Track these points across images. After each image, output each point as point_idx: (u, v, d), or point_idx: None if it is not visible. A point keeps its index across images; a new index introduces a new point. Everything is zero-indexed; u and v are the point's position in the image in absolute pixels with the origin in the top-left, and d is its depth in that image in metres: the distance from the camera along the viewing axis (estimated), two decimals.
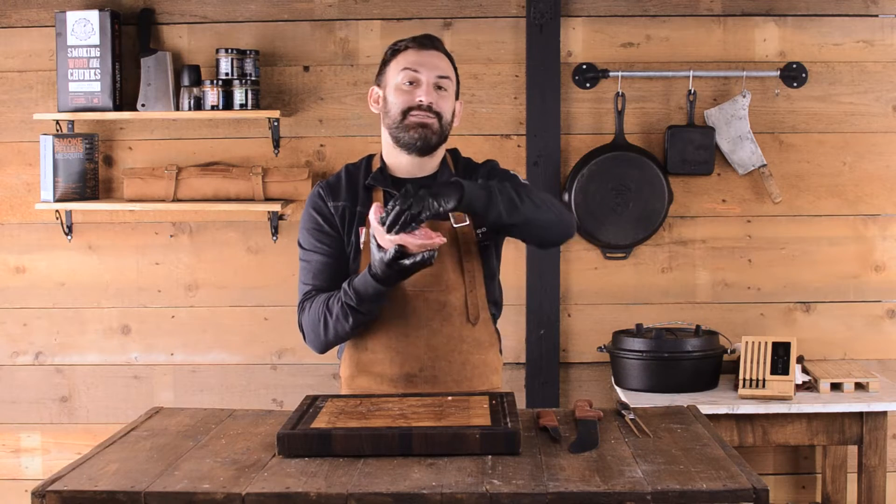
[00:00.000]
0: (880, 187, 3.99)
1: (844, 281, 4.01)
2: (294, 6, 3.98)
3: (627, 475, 1.93)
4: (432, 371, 2.54)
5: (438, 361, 2.54)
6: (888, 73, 3.97)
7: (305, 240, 2.59)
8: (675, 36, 3.97)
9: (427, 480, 1.91)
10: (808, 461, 4.06)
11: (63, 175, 3.85)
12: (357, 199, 2.57)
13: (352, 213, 2.56)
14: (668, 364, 3.60)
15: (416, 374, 2.54)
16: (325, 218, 2.57)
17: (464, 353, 2.56)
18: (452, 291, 2.54)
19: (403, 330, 2.53)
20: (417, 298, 2.52)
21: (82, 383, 4.07)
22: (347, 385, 2.62)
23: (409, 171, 2.58)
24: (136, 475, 1.98)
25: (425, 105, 2.50)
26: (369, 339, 2.55)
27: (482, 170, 2.65)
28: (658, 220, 3.92)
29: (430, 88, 2.52)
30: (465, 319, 2.55)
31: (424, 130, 2.51)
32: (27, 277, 4.05)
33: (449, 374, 2.55)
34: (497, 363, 2.66)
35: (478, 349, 2.58)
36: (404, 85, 2.52)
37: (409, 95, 2.52)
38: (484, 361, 2.60)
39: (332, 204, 2.57)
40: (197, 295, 4.04)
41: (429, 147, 2.53)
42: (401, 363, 2.54)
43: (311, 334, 2.54)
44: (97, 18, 3.83)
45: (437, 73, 2.53)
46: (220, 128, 3.99)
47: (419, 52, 2.54)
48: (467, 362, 2.57)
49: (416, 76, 2.52)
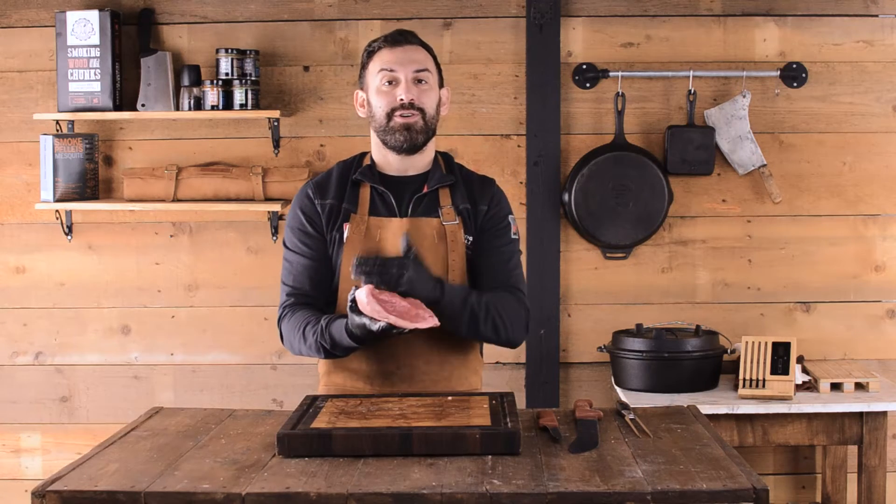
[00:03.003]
0: (880, 187, 3.99)
1: (844, 281, 4.01)
2: (294, 6, 3.98)
3: (627, 475, 1.93)
4: (410, 369, 2.53)
5: (416, 359, 2.53)
6: (888, 73, 3.97)
7: (289, 239, 2.60)
8: (675, 36, 3.97)
9: (427, 480, 1.91)
10: (808, 461, 4.06)
11: (63, 175, 3.85)
12: (344, 194, 2.57)
13: (338, 211, 2.56)
14: (668, 364, 3.60)
15: (393, 372, 2.53)
16: (309, 218, 2.57)
17: (443, 353, 2.54)
18: None
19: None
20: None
21: (82, 383, 4.07)
22: (324, 382, 2.62)
23: (398, 169, 2.58)
24: (136, 475, 1.98)
25: (406, 102, 2.50)
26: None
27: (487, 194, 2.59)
28: (658, 220, 3.92)
29: (408, 85, 2.51)
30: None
31: (409, 132, 2.51)
32: (27, 277, 4.05)
33: (427, 372, 2.53)
34: (477, 364, 2.64)
35: (458, 349, 2.57)
36: (384, 86, 2.52)
37: (389, 96, 2.51)
38: (463, 362, 2.59)
39: (318, 202, 2.58)
40: (197, 295, 4.04)
41: (415, 147, 2.53)
42: (378, 360, 2.53)
43: (286, 343, 2.56)
44: (97, 18, 3.83)
45: (413, 68, 2.51)
46: (220, 128, 4.00)
47: (393, 49, 2.53)
48: (446, 362, 2.55)
49: (394, 75, 2.51)
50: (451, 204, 2.55)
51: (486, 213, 2.58)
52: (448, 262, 2.52)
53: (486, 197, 2.60)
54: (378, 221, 2.53)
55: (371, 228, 2.53)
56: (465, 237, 2.55)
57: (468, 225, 2.55)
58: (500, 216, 2.60)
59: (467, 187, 2.60)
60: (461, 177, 2.62)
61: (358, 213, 2.54)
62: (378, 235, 2.52)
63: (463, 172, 2.65)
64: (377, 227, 2.53)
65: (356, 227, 2.52)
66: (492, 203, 2.60)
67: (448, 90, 2.64)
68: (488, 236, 2.57)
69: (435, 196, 2.56)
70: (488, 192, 2.61)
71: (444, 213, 2.54)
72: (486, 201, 2.59)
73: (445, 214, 2.54)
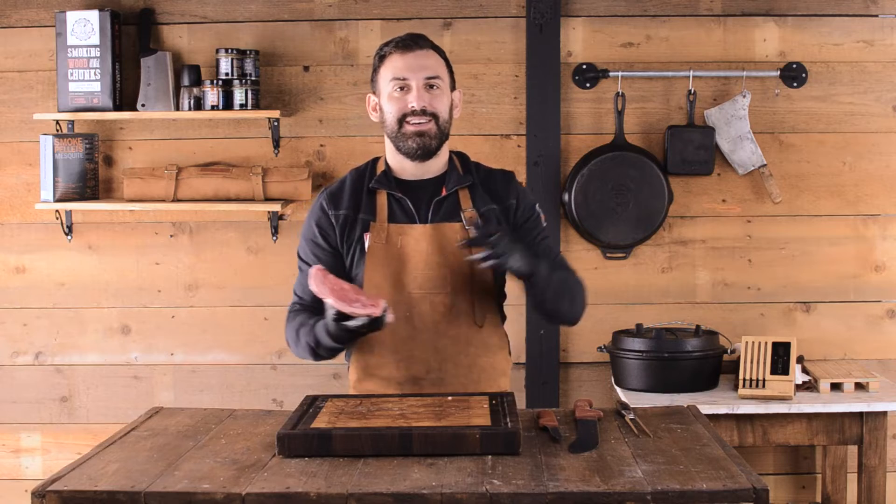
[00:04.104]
0: (880, 187, 3.99)
1: (844, 281, 4.01)
2: (294, 6, 3.98)
3: (627, 475, 1.94)
4: (439, 374, 2.52)
5: (445, 364, 2.53)
6: (888, 73, 3.97)
7: (302, 249, 2.62)
8: (675, 36, 3.97)
9: (427, 480, 1.91)
10: (808, 461, 4.06)
11: (63, 175, 3.85)
12: (360, 204, 2.56)
13: (353, 221, 2.55)
14: (668, 364, 3.60)
15: (423, 377, 2.53)
16: (322, 230, 2.57)
17: (471, 356, 2.54)
18: (459, 293, 2.52)
19: (409, 333, 2.52)
20: (423, 301, 2.51)
21: (82, 383, 4.07)
22: (355, 388, 2.60)
23: (414, 173, 2.57)
24: (136, 475, 1.98)
25: (418, 110, 2.50)
26: (376, 342, 2.53)
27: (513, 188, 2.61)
28: (658, 220, 3.92)
29: (420, 92, 2.50)
30: (472, 322, 2.54)
31: (422, 138, 2.50)
32: (27, 277, 4.05)
33: (456, 376, 2.53)
34: (505, 366, 2.64)
35: (485, 352, 2.57)
36: (395, 92, 2.52)
37: (401, 102, 2.51)
38: (492, 364, 2.58)
39: (332, 213, 2.57)
40: (197, 295, 4.04)
41: (429, 153, 2.53)
42: (407, 366, 2.52)
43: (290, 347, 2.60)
44: (97, 18, 3.83)
45: (424, 75, 2.51)
46: (220, 128, 4.00)
47: (404, 55, 2.52)
48: (474, 365, 2.55)
49: (405, 82, 2.51)
50: (472, 206, 2.55)
51: (517, 208, 2.59)
52: (472, 268, 2.50)
53: (512, 191, 2.61)
54: (399, 228, 2.52)
55: (392, 236, 2.52)
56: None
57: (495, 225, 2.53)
58: (529, 207, 2.62)
59: (489, 185, 2.59)
60: (480, 175, 2.61)
61: (377, 221, 2.53)
62: (399, 242, 2.51)
63: (481, 170, 2.64)
64: (398, 234, 2.52)
65: (377, 235, 2.51)
66: (519, 196, 2.61)
67: (460, 92, 2.64)
68: (525, 231, 2.59)
69: (455, 198, 2.55)
70: (513, 185, 2.62)
71: (467, 218, 2.53)
72: (513, 195, 2.60)
73: (468, 219, 2.52)
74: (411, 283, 2.50)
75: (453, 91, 2.60)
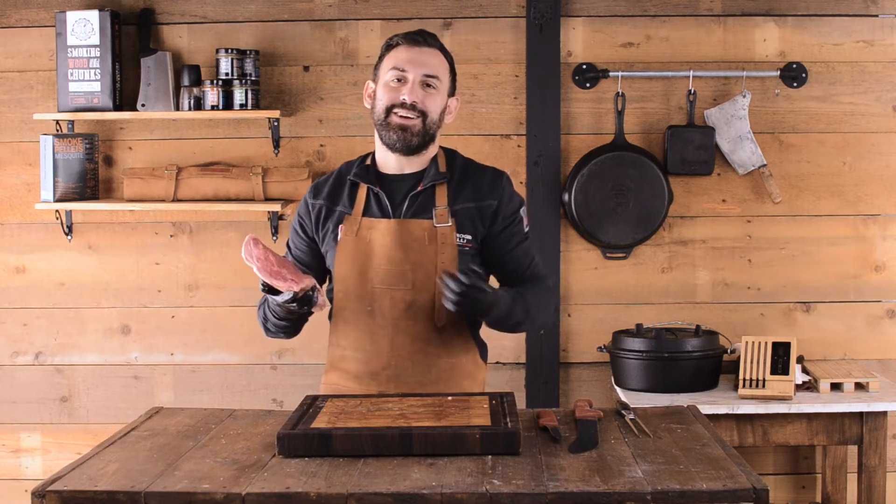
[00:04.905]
0: (880, 187, 3.99)
1: (844, 281, 4.01)
2: (294, 6, 3.98)
3: (627, 475, 1.93)
4: (395, 370, 2.53)
5: (402, 361, 2.53)
6: (888, 73, 3.97)
7: (290, 236, 2.70)
8: (675, 36, 3.97)
9: (427, 480, 1.91)
10: (808, 461, 4.06)
11: (63, 175, 3.85)
12: (341, 196, 2.58)
13: (330, 212, 2.58)
14: (668, 364, 3.60)
15: (379, 372, 2.54)
16: (301, 219, 2.64)
17: (430, 355, 2.54)
18: (421, 291, 2.51)
19: (370, 327, 2.54)
20: (384, 296, 2.52)
21: (82, 383, 4.07)
22: (324, 381, 2.66)
23: (396, 167, 2.58)
24: (136, 475, 1.98)
25: (409, 103, 2.50)
26: (341, 335, 2.59)
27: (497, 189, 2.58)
28: (658, 220, 3.92)
29: (415, 87, 2.51)
30: (431, 320, 2.53)
31: (404, 133, 2.50)
32: (27, 277, 4.05)
33: (412, 374, 2.53)
34: (472, 368, 2.61)
35: (446, 352, 2.55)
36: (392, 82, 2.53)
37: (394, 93, 2.52)
38: (453, 365, 2.57)
39: (311, 202, 2.62)
40: (197, 295, 4.04)
41: (409, 148, 2.52)
42: (366, 360, 2.55)
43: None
44: (97, 18, 3.83)
45: (424, 72, 2.51)
46: (220, 128, 4.00)
47: (410, 48, 2.53)
48: (433, 364, 2.54)
49: (404, 74, 2.51)
50: (447, 204, 2.54)
51: (497, 209, 2.56)
52: (437, 264, 2.50)
53: (495, 191, 2.58)
54: (369, 223, 2.54)
55: (362, 229, 2.53)
56: (460, 237, 2.53)
57: (467, 224, 2.54)
58: (512, 212, 2.59)
59: (475, 182, 2.58)
60: (468, 172, 2.60)
61: (352, 213, 2.55)
62: (368, 237, 2.53)
63: (470, 166, 2.62)
64: (368, 228, 2.53)
65: (349, 228, 2.55)
66: (502, 198, 2.58)
67: (458, 100, 2.63)
68: (505, 235, 2.57)
69: (431, 194, 2.55)
70: (497, 186, 2.59)
71: (438, 215, 2.52)
72: (495, 195, 2.57)
73: (439, 216, 2.52)
74: (374, 277, 2.51)
75: (451, 96, 2.59)
